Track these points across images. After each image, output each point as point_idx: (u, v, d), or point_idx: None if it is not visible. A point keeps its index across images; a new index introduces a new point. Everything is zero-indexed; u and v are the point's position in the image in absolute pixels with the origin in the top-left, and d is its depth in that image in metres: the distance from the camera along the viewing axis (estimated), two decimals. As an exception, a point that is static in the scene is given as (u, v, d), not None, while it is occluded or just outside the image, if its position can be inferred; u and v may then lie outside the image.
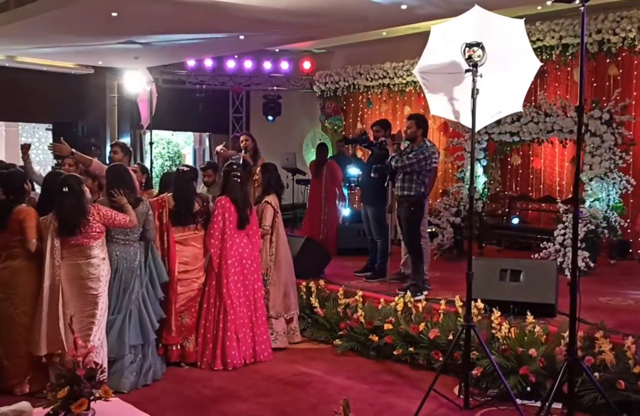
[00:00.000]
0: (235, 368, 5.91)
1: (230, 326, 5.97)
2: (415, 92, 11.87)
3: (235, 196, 6.16)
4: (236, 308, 6.03)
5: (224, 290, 5.99)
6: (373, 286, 7.47)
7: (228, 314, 5.98)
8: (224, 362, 5.93)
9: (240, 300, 6.08)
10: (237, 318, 6.03)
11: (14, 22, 9.45)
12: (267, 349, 6.25)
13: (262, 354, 6.18)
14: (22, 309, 5.18)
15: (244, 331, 6.07)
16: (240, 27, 9.60)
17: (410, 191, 6.78)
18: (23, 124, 15.42)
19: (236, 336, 6.01)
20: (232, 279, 6.04)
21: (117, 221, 5.23)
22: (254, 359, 6.12)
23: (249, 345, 6.10)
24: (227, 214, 6.09)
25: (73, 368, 3.35)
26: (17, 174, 5.58)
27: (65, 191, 5.08)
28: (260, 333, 6.22)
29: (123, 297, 5.40)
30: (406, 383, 5.65)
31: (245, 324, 6.10)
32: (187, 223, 6.01)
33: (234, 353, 5.96)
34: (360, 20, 9.10)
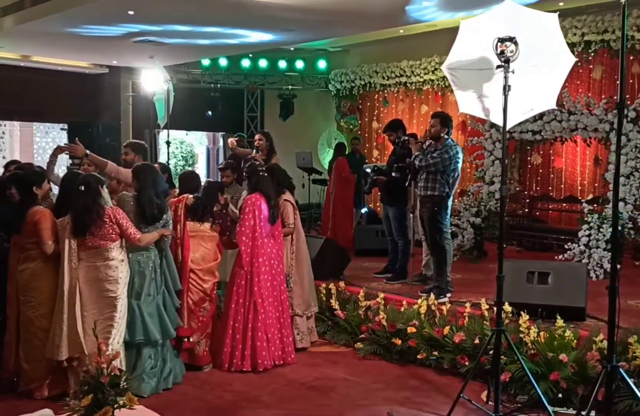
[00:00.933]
0: (266, 370, 5.79)
1: (260, 326, 5.85)
2: (433, 90, 11.73)
3: (266, 190, 6.06)
4: (266, 308, 5.91)
5: (255, 288, 5.86)
6: (394, 288, 7.34)
7: (259, 313, 5.85)
8: (254, 363, 5.81)
9: (269, 300, 5.97)
10: (267, 318, 5.91)
11: (29, 21, 9.40)
12: (292, 352, 6.14)
13: (289, 356, 6.08)
14: (40, 312, 5.09)
15: (272, 331, 5.96)
16: (256, 25, 9.49)
17: (434, 191, 6.65)
18: (37, 124, 15.42)
19: (266, 336, 5.89)
20: (263, 277, 5.93)
21: (128, 234, 5.11)
22: (283, 361, 6.00)
23: (277, 346, 5.99)
24: (258, 211, 5.97)
25: (97, 375, 3.24)
26: (35, 174, 5.48)
27: (81, 189, 4.98)
28: (287, 335, 6.12)
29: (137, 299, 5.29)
30: (432, 388, 5.51)
31: (274, 325, 5.99)
32: (201, 219, 5.88)
33: (264, 353, 5.84)
34: (377, 18, 8.96)
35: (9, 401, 4.96)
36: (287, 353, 6.06)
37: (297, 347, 6.26)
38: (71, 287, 4.97)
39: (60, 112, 13.57)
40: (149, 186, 5.36)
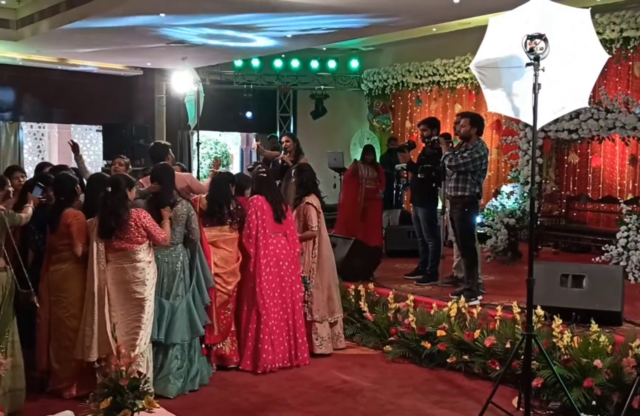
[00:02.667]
0: (265, 372, 5.76)
1: (263, 327, 5.82)
2: (467, 89, 11.56)
3: (266, 191, 6.03)
4: (269, 309, 5.87)
5: (257, 290, 5.85)
6: (424, 290, 7.23)
7: (261, 315, 5.84)
8: (255, 364, 5.80)
9: (274, 301, 5.92)
10: (269, 320, 5.86)
11: (64, 24, 9.54)
12: (304, 352, 6.07)
13: (300, 358, 6.02)
14: (71, 312, 5.13)
15: (278, 333, 5.92)
16: (288, 25, 9.47)
17: (465, 192, 6.53)
18: (75, 126, 15.68)
19: (270, 338, 5.86)
20: (266, 279, 5.89)
21: (153, 235, 5.11)
22: (291, 363, 5.96)
23: (284, 349, 5.95)
24: (261, 212, 5.95)
25: (116, 378, 3.23)
26: (68, 177, 5.55)
27: (108, 190, 5.01)
28: (298, 337, 6.05)
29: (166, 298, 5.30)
30: (461, 393, 5.40)
31: (281, 327, 5.94)
32: (219, 223, 5.86)
33: (267, 356, 5.81)
34: (410, 16, 8.85)
35: (40, 400, 5.01)
36: (297, 355, 6.00)
37: (315, 352, 6.20)
38: (100, 289, 5.00)
39: (96, 114, 13.78)
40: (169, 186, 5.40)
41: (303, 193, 6.42)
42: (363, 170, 9.49)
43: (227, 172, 6.49)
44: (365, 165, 9.57)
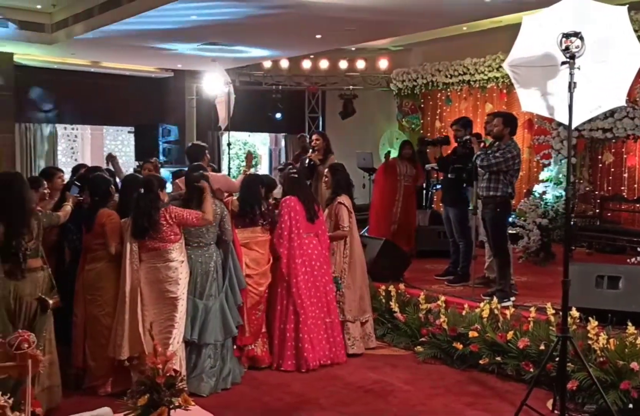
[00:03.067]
0: (308, 370, 5.78)
1: (302, 327, 5.85)
2: (498, 88, 11.43)
3: (297, 192, 6.05)
4: (306, 308, 5.89)
5: (293, 290, 5.87)
6: (456, 291, 7.19)
7: (299, 315, 5.86)
8: (298, 364, 5.83)
9: (311, 301, 5.95)
10: (308, 318, 5.89)
11: (98, 27, 9.69)
12: (341, 350, 6.10)
13: (337, 356, 6.04)
14: (106, 310, 5.22)
15: (316, 331, 5.94)
16: (317, 26, 9.48)
17: (497, 192, 6.47)
18: (107, 128, 15.91)
19: (309, 337, 5.88)
20: (302, 279, 5.91)
21: (190, 220, 5.16)
22: (330, 361, 5.97)
23: (323, 346, 5.97)
24: (293, 213, 5.97)
25: (153, 376, 3.28)
26: (102, 178, 5.64)
27: (141, 192, 5.08)
28: (335, 335, 6.07)
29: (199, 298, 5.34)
30: (494, 395, 5.35)
31: (318, 326, 5.97)
32: (251, 224, 5.89)
33: (308, 355, 5.83)
34: (440, 15, 8.80)
35: (76, 397, 5.09)
36: (335, 352, 6.02)
37: (348, 352, 6.20)
38: (132, 288, 5.07)
39: (128, 116, 13.97)
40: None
41: (336, 193, 6.43)
42: (401, 167, 9.31)
43: (256, 175, 6.49)
44: (402, 161, 9.39)
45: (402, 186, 9.26)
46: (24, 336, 3.62)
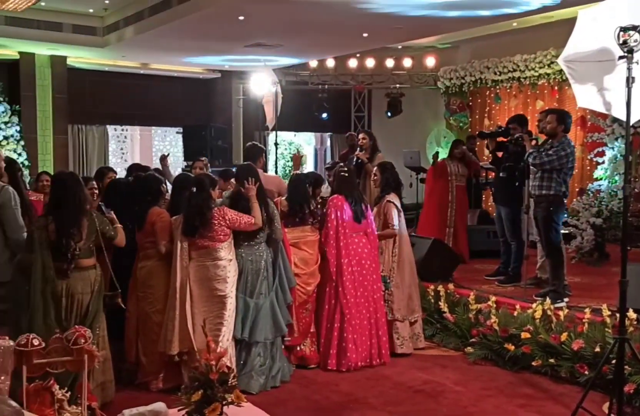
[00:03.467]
0: (349, 370, 5.77)
1: (347, 326, 5.83)
2: (549, 85, 11.20)
3: (346, 191, 6.02)
4: (352, 309, 5.87)
5: (339, 289, 5.86)
6: (507, 291, 7.05)
7: (345, 315, 5.84)
8: (339, 362, 5.81)
9: (357, 300, 5.92)
10: (353, 318, 5.86)
11: (148, 30, 9.87)
12: (386, 351, 6.05)
13: (382, 356, 6.01)
14: (157, 308, 5.30)
15: (361, 332, 5.91)
16: (365, 25, 9.46)
17: (550, 190, 6.33)
18: (155, 128, 16.19)
19: (353, 337, 5.86)
20: (349, 278, 5.89)
21: (243, 225, 5.21)
22: (372, 362, 5.94)
23: (367, 347, 5.94)
24: (340, 212, 5.95)
25: (206, 372, 3.31)
26: (154, 177, 5.72)
27: (193, 190, 5.13)
28: (381, 335, 6.04)
29: (250, 297, 5.38)
30: (548, 397, 5.24)
31: (364, 326, 5.94)
32: (301, 223, 5.90)
33: (351, 355, 5.82)
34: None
35: (129, 392, 5.17)
36: (380, 353, 5.98)
37: (396, 352, 6.17)
38: (182, 285, 5.14)
39: (176, 116, 14.20)
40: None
41: (385, 191, 6.40)
42: (452, 167, 9.05)
43: (303, 174, 6.49)
44: (453, 161, 9.13)
45: (454, 187, 9.00)
46: (80, 332, 3.70)
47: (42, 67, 12.16)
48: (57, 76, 12.32)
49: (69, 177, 4.84)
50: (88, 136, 13.42)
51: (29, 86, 12.06)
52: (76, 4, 10.51)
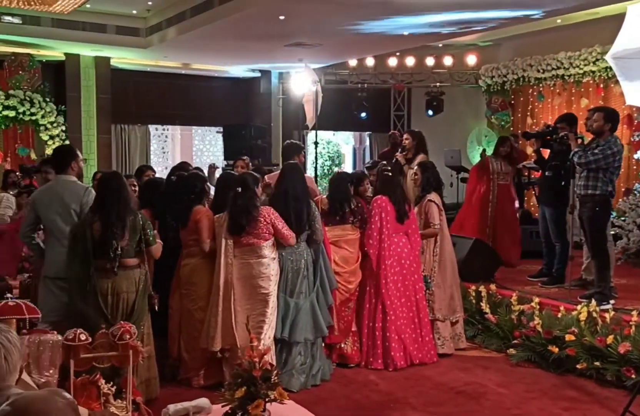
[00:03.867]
0: (396, 369, 5.76)
1: (390, 326, 5.82)
2: (594, 83, 10.95)
3: (390, 192, 6.00)
4: (396, 309, 5.87)
5: (382, 291, 5.85)
6: (550, 293, 6.92)
7: (388, 314, 5.83)
8: (385, 363, 5.82)
9: (400, 300, 5.92)
10: (397, 319, 5.87)
11: (190, 30, 9.99)
12: (431, 350, 6.04)
13: (427, 356, 5.98)
14: (199, 305, 5.35)
15: (406, 331, 5.91)
16: (405, 21, 9.40)
17: (596, 190, 6.19)
18: (196, 128, 16.38)
19: (398, 336, 5.85)
20: (392, 279, 5.88)
21: (282, 233, 5.22)
22: (419, 360, 5.92)
23: (412, 346, 5.93)
24: (384, 213, 5.93)
25: (250, 369, 3.33)
26: (198, 176, 5.79)
27: (238, 190, 5.17)
28: (425, 335, 6.02)
29: (290, 296, 5.39)
30: (593, 401, 5.13)
31: (407, 325, 5.93)
32: (342, 222, 5.90)
33: (396, 354, 5.81)
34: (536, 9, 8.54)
35: (172, 388, 5.24)
36: (425, 352, 5.96)
37: (437, 352, 6.12)
38: (226, 282, 5.18)
39: (216, 116, 14.34)
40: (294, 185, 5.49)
41: (426, 190, 6.36)
42: (494, 164, 8.70)
43: (344, 172, 6.48)
44: (497, 159, 8.76)
45: (496, 185, 8.64)
46: (125, 328, 3.77)
47: (86, 68, 12.41)
48: (101, 77, 12.56)
49: (113, 177, 4.93)
50: (131, 136, 13.64)
51: (74, 86, 12.32)
52: (120, 6, 10.70)
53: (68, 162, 5.11)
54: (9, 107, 11.33)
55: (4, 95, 11.27)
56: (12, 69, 11.52)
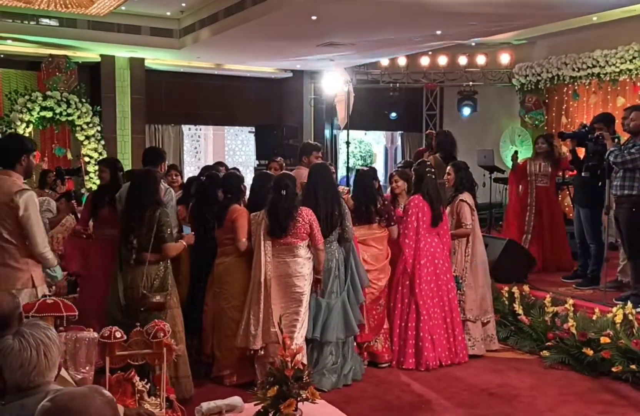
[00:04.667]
0: (428, 369, 5.76)
1: (423, 326, 5.83)
2: (631, 80, 10.73)
3: (430, 193, 5.99)
4: (429, 309, 5.87)
5: (416, 290, 5.86)
6: (585, 295, 6.83)
7: (421, 314, 5.84)
8: (418, 362, 5.82)
9: (433, 301, 5.92)
10: (430, 319, 5.87)
11: (223, 31, 10.07)
12: (463, 350, 6.03)
13: (459, 356, 5.98)
14: (232, 304, 5.38)
15: (438, 332, 5.91)
16: (437, 22, 9.35)
17: (632, 190, 6.06)
18: (228, 128, 16.50)
19: (430, 336, 5.86)
20: (425, 279, 5.89)
21: (316, 237, 5.21)
22: (451, 361, 5.92)
23: (444, 346, 5.93)
24: (421, 213, 5.93)
25: (282, 368, 3.36)
26: (234, 176, 5.83)
27: (282, 193, 5.16)
28: (457, 335, 6.01)
29: (321, 296, 5.40)
30: (629, 404, 5.06)
31: (440, 326, 5.93)
32: (368, 222, 5.88)
33: (428, 354, 5.81)
34: (568, 6, 8.41)
35: (206, 385, 5.32)
36: (456, 353, 5.95)
37: (468, 353, 6.10)
38: (266, 279, 5.18)
39: (248, 116, 14.41)
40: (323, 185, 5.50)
41: (459, 191, 6.32)
42: (532, 166, 8.21)
43: (370, 169, 6.37)
44: (536, 159, 8.24)
45: (534, 188, 8.16)
46: (159, 326, 3.83)
47: (121, 69, 12.59)
48: (136, 78, 12.72)
49: (138, 174, 5.18)
50: (164, 136, 13.79)
51: (109, 87, 12.50)
52: (154, 8, 10.83)
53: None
54: (47, 108, 11.54)
55: (42, 96, 11.49)
56: (49, 70, 11.73)
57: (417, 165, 6.26)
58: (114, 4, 8.57)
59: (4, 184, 4.15)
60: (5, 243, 4.15)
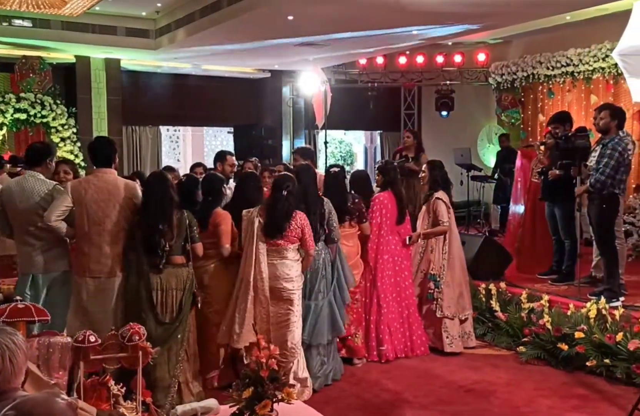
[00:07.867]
0: (388, 361, 5.93)
1: (383, 319, 6.01)
2: (604, 79, 10.87)
3: (398, 189, 6.18)
4: (389, 303, 6.06)
5: (378, 284, 6.03)
6: (560, 290, 6.92)
7: (382, 308, 6.01)
8: (379, 354, 5.98)
9: (392, 295, 6.09)
10: (389, 312, 6.05)
11: (198, 32, 10.03)
12: (422, 344, 6.19)
13: (418, 349, 6.16)
14: (214, 308, 5.26)
15: (394, 325, 6.09)
16: (414, 21, 9.39)
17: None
18: (207, 128, 16.42)
19: (388, 329, 6.04)
20: (387, 274, 6.07)
21: (308, 241, 5.13)
22: (408, 354, 6.11)
23: (400, 340, 6.09)
24: (385, 210, 6.07)
25: (257, 369, 3.36)
26: (216, 177, 5.73)
27: (284, 194, 5.07)
28: (415, 329, 6.18)
29: (309, 298, 5.39)
30: (603, 398, 5.12)
31: (396, 319, 6.11)
32: (339, 221, 5.84)
33: (387, 346, 6.00)
34: (542, 5, 8.48)
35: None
36: (412, 347, 6.13)
37: (446, 351, 6.18)
38: (255, 279, 5.04)
39: (227, 116, 14.36)
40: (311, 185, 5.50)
41: (433, 189, 6.37)
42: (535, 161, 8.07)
43: (341, 167, 6.38)
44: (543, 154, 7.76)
45: (532, 184, 8.12)
46: (134, 329, 3.80)
47: (97, 70, 12.46)
48: (112, 78, 12.61)
49: (153, 178, 5.11)
50: (142, 137, 13.67)
51: (85, 88, 12.36)
52: (129, 8, 10.75)
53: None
54: (20, 109, 11.40)
55: (15, 98, 11.34)
56: (23, 72, 11.58)
57: (385, 163, 6.35)
58: (87, 4, 8.45)
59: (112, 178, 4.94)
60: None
